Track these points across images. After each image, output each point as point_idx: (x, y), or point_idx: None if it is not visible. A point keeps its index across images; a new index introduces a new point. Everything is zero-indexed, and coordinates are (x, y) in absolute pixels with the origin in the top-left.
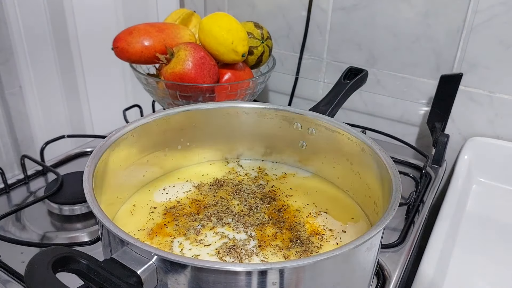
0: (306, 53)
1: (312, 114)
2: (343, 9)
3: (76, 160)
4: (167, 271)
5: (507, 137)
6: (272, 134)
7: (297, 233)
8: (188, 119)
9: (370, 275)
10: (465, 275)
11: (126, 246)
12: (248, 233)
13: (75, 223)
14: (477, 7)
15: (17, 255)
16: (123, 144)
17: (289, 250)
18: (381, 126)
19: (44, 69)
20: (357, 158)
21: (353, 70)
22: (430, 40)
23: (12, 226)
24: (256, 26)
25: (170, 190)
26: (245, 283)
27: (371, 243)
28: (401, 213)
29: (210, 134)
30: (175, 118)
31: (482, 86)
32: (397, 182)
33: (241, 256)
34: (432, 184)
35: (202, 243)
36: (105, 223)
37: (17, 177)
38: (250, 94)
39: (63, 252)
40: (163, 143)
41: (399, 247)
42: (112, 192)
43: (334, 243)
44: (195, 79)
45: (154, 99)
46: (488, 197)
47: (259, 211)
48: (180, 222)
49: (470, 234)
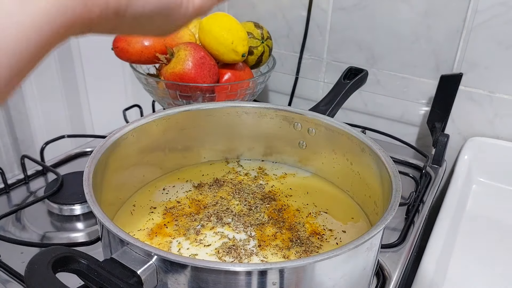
0: (306, 53)
1: (312, 114)
2: (343, 9)
3: (76, 160)
4: (167, 271)
5: (507, 137)
6: (272, 134)
7: (297, 233)
8: (188, 119)
9: (370, 275)
10: (465, 275)
11: (126, 246)
12: (248, 233)
13: (75, 223)
14: (477, 7)
15: (17, 255)
16: (123, 144)
17: (289, 250)
18: (381, 126)
19: (44, 69)
20: (357, 158)
21: (353, 70)
22: (430, 40)
23: (12, 226)
24: (256, 26)
25: (170, 190)
26: (245, 283)
27: (371, 243)
28: (401, 213)
29: (210, 134)
30: (175, 118)
31: (482, 86)
32: (397, 182)
33: (241, 256)
34: (432, 184)
35: (202, 243)
36: (105, 223)
37: (17, 177)
38: (250, 94)
39: (63, 252)
40: (163, 143)
41: (399, 247)
42: (112, 192)
43: (334, 243)
44: (195, 79)
45: (154, 99)
46: (488, 197)
47: (259, 211)
48: (180, 222)
49: (470, 234)
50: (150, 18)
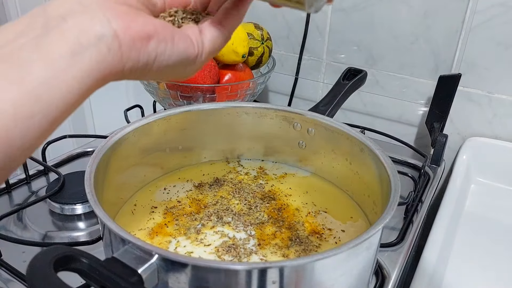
0: (306, 53)
1: (311, 114)
2: (342, 10)
3: (77, 160)
4: (168, 270)
5: (505, 137)
6: (272, 134)
7: (296, 232)
8: (188, 119)
9: (369, 274)
10: (464, 274)
11: (127, 245)
12: (247, 232)
13: (76, 222)
14: (475, 7)
15: (19, 255)
16: (125, 144)
17: (288, 249)
18: (380, 126)
19: None
20: (356, 158)
21: (352, 70)
22: (429, 40)
23: (14, 226)
24: (256, 27)
25: (171, 190)
26: (245, 281)
27: (370, 242)
28: (400, 213)
29: (211, 134)
30: (176, 119)
31: (481, 87)
32: (396, 182)
33: (240, 255)
34: (430, 183)
35: (203, 242)
36: (107, 222)
37: (18, 176)
38: (250, 95)
39: (65, 251)
40: (164, 143)
41: (398, 246)
42: (113, 192)
43: (333, 242)
44: (195, 79)
45: (155, 99)
46: (487, 197)
47: (258, 210)
48: (180, 221)
49: (469, 234)
50: (173, 67)
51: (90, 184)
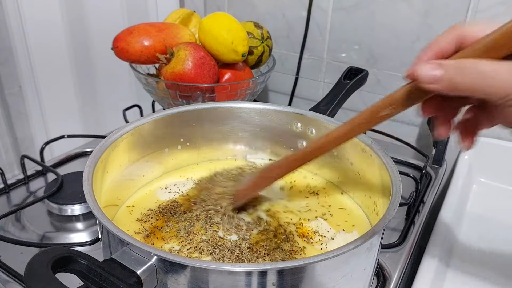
0: (306, 53)
1: (312, 114)
2: (343, 9)
3: (76, 160)
4: (166, 271)
5: (507, 137)
6: (272, 134)
7: (291, 235)
8: (188, 119)
9: (370, 275)
10: (466, 275)
11: (125, 246)
12: (241, 234)
13: (74, 223)
14: (477, 7)
15: (17, 255)
16: (123, 144)
17: (283, 252)
18: (381, 126)
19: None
20: (358, 158)
21: (353, 70)
22: (430, 39)
23: (12, 226)
24: (256, 26)
25: (170, 190)
26: (245, 283)
27: (371, 243)
28: (402, 213)
29: (210, 134)
30: (175, 118)
31: None
32: (397, 182)
33: (234, 258)
34: (432, 184)
35: (195, 242)
36: (105, 223)
37: (17, 177)
38: (250, 94)
39: (63, 252)
40: (163, 143)
41: (400, 247)
42: (112, 192)
43: (333, 242)
44: (195, 79)
45: (154, 99)
46: (489, 197)
47: (257, 209)
48: (177, 221)
49: (471, 234)
50: None
51: (89, 184)
